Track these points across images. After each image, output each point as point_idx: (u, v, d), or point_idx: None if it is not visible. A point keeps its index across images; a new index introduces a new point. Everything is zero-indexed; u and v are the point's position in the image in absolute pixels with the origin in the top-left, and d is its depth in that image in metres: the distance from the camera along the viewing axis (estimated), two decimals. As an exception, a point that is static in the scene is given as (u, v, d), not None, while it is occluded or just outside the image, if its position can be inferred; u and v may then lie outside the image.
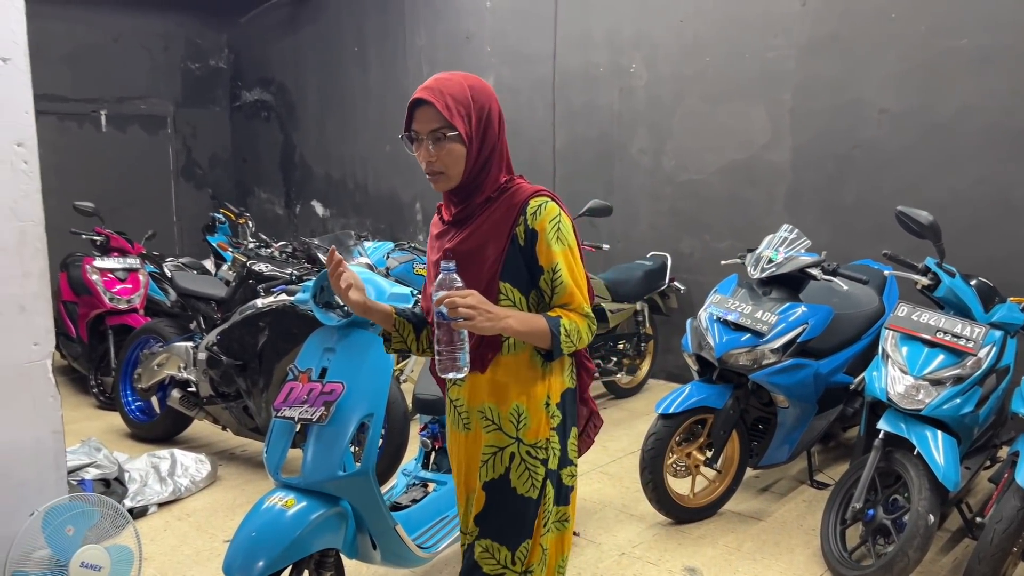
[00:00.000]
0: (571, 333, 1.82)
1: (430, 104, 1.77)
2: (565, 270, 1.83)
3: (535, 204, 1.83)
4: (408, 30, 7.52)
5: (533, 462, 1.90)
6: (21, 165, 2.65)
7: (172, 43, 9.19)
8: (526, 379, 1.89)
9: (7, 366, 2.66)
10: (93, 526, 2.78)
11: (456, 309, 1.65)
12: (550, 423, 1.91)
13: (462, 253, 1.84)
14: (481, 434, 1.93)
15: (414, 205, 7.79)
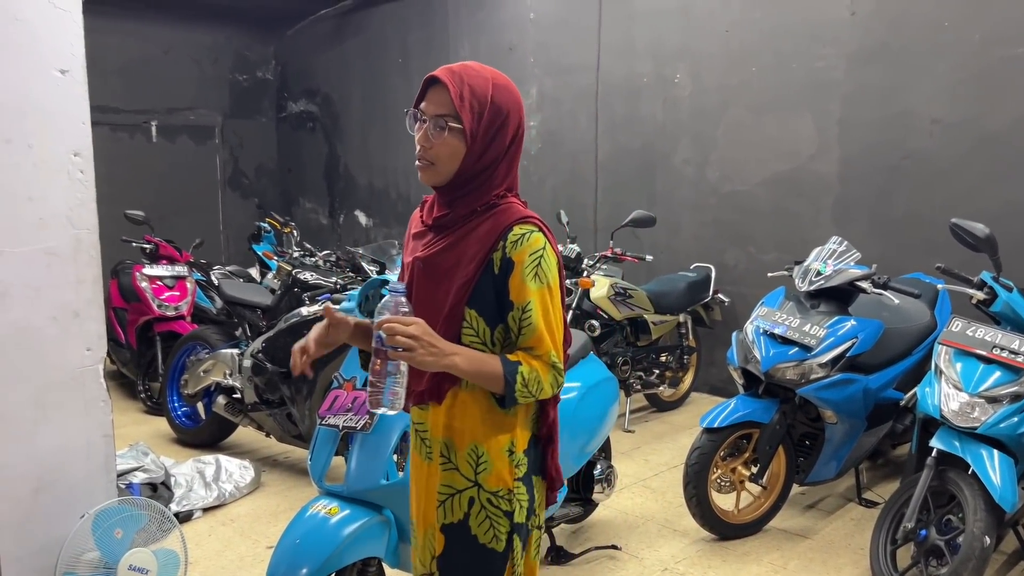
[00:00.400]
0: (530, 383, 1.59)
1: (444, 87, 1.59)
2: (538, 311, 1.60)
3: (518, 232, 1.60)
4: (452, 42, 7.57)
5: (495, 512, 1.68)
6: (77, 175, 2.72)
7: (221, 55, 9.38)
8: (487, 419, 1.67)
9: (61, 370, 2.72)
10: (141, 529, 2.82)
11: (394, 337, 1.46)
12: (514, 472, 1.69)
13: (433, 266, 1.65)
14: (436, 469, 1.71)
15: (456, 215, 7.82)
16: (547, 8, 6.69)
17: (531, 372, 1.59)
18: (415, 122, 1.64)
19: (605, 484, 3.37)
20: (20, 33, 2.55)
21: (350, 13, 8.63)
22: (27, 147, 2.58)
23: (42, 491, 2.70)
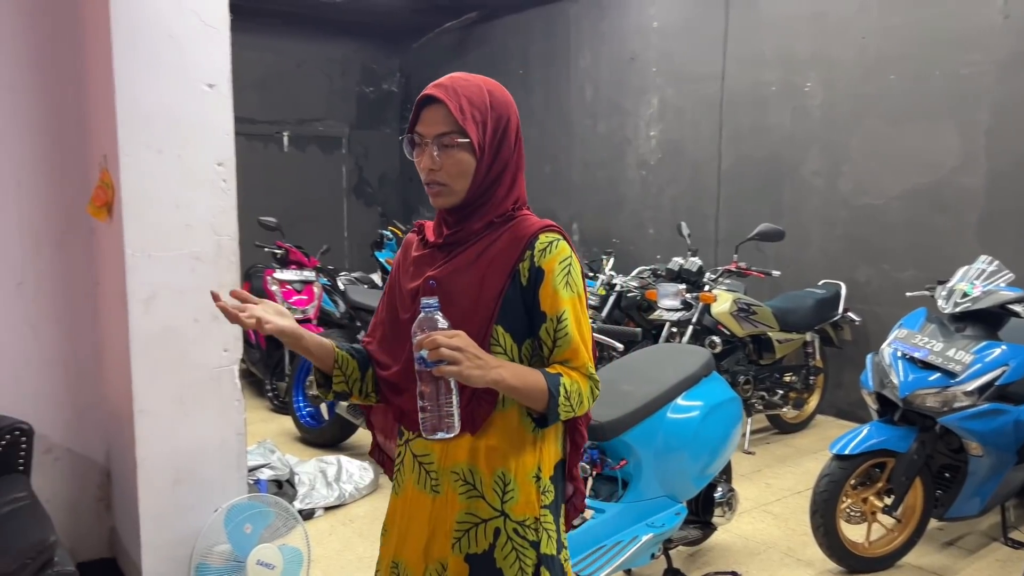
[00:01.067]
0: (571, 396, 1.49)
1: (441, 104, 1.48)
2: (572, 320, 1.51)
3: (545, 240, 1.52)
4: (572, 52, 7.57)
5: (522, 543, 1.56)
6: (220, 183, 2.85)
7: (349, 68, 9.73)
8: (516, 443, 1.56)
9: (200, 370, 2.86)
10: (268, 526, 2.92)
11: (438, 350, 1.34)
12: (541, 499, 1.58)
13: (452, 286, 1.52)
14: (454, 499, 1.56)
15: (571, 225, 7.79)
16: (671, 17, 6.59)
17: (572, 384, 1.50)
18: (412, 148, 1.54)
19: (726, 508, 3.26)
20: (172, 50, 2.71)
21: (473, 26, 8.78)
22: (176, 157, 2.73)
23: (180, 484, 2.85)
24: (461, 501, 1.56)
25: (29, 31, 2.86)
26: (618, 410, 2.84)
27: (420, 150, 1.52)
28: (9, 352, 2.91)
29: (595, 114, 7.39)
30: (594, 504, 3.06)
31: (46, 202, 2.94)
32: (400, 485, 1.66)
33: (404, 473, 1.64)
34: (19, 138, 2.86)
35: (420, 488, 1.60)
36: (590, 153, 7.49)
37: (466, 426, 1.50)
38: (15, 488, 2.46)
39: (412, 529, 1.62)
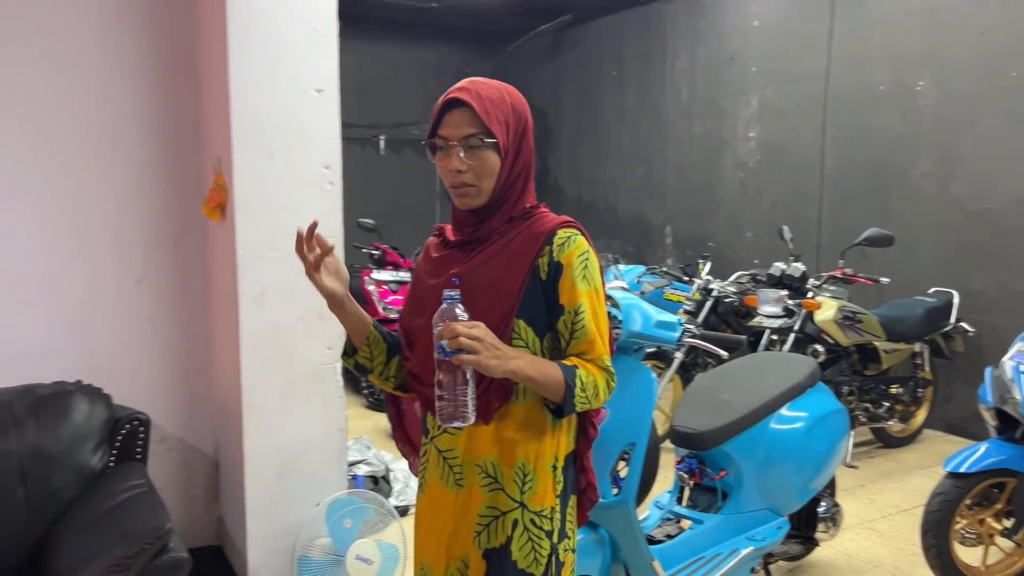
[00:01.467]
0: (587, 387, 1.53)
1: (466, 107, 1.51)
2: (589, 313, 1.55)
3: (564, 235, 1.57)
4: (669, 52, 7.46)
5: (538, 533, 1.59)
6: (327, 186, 2.93)
7: (444, 72, 9.86)
8: (536, 434, 1.60)
9: (305, 367, 2.94)
10: (367, 521, 2.98)
11: (458, 339, 1.38)
12: (555, 489, 1.62)
13: (473, 282, 1.56)
14: (478, 492, 1.60)
15: (664, 228, 7.68)
16: (773, 16, 6.41)
17: (588, 376, 1.53)
18: (434, 152, 1.57)
19: (830, 523, 3.14)
20: (284, 56, 2.79)
21: (567, 28, 8.76)
22: (287, 160, 2.81)
23: (284, 477, 2.93)
24: (483, 494, 1.59)
25: (151, 41, 3.00)
26: (718, 419, 2.78)
27: (444, 154, 1.55)
28: (130, 345, 3.06)
29: (691, 115, 7.27)
30: (692, 514, 3.00)
31: (165, 203, 3.08)
32: (425, 483, 1.69)
33: (429, 470, 1.68)
34: (141, 142, 3.01)
35: (444, 484, 1.63)
36: (685, 155, 7.36)
37: (480, 416, 1.52)
38: (134, 475, 2.57)
39: (435, 527, 1.65)
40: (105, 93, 2.93)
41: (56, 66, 2.85)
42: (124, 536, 2.20)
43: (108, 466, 2.64)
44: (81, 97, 2.90)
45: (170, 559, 2.25)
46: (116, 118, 2.96)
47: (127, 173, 3.00)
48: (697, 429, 2.84)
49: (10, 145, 2.80)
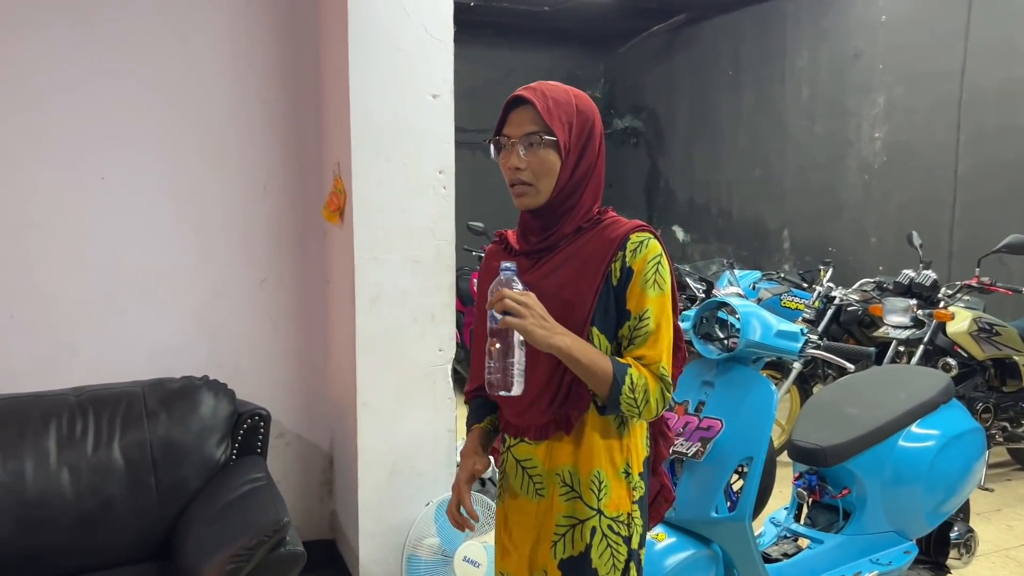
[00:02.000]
0: (636, 388, 1.47)
1: (529, 105, 1.51)
2: (654, 319, 1.50)
3: (636, 239, 1.53)
4: (788, 50, 7.20)
5: (615, 539, 1.58)
6: (440, 190, 2.96)
7: (554, 75, 9.82)
8: (607, 441, 1.58)
9: (417, 367, 2.98)
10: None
11: (504, 302, 1.40)
12: (631, 495, 1.60)
13: (544, 291, 1.51)
14: (558, 502, 1.58)
15: (781, 233, 7.42)
16: (903, 10, 6.09)
17: (640, 378, 1.48)
18: (499, 151, 1.57)
19: (963, 550, 2.93)
20: (401, 61, 2.84)
21: (681, 28, 8.60)
22: (403, 165, 2.86)
23: (395, 475, 2.98)
24: (561, 503, 1.58)
25: (278, 51, 3.12)
26: (842, 435, 2.64)
27: (506, 152, 1.55)
28: (253, 343, 3.18)
29: (812, 115, 6.99)
30: (812, 533, 2.86)
31: (288, 206, 3.19)
32: (505, 493, 1.69)
33: (508, 480, 1.67)
34: (267, 147, 3.13)
35: (524, 494, 1.62)
36: (805, 156, 7.09)
37: (561, 426, 1.55)
38: (255, 468, 2.67)
39: (517, 537, 1.65)
40: (235, 101, 3.07)
41: (191, 76, 3.00)
42: (245, 527, 2.29)
43: (231, 459, 2.75)
44: (213, 105, 3.04)
45: (287, 552, 2.33)
46: (245, 125, 3.09)
47: (254, 178, 3.13)
48: (819, 444, 2.71)
49: (147, 151, 2.96)
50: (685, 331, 2.65)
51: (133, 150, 2.94)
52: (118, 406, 2.62)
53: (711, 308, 2.62)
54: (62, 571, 2.43)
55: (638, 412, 1.50)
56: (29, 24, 2.76)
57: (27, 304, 2.82)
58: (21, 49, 2.75)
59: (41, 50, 2.77)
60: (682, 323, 2.71)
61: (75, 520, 2.43)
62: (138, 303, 2.99)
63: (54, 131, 2.82)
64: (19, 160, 2.78)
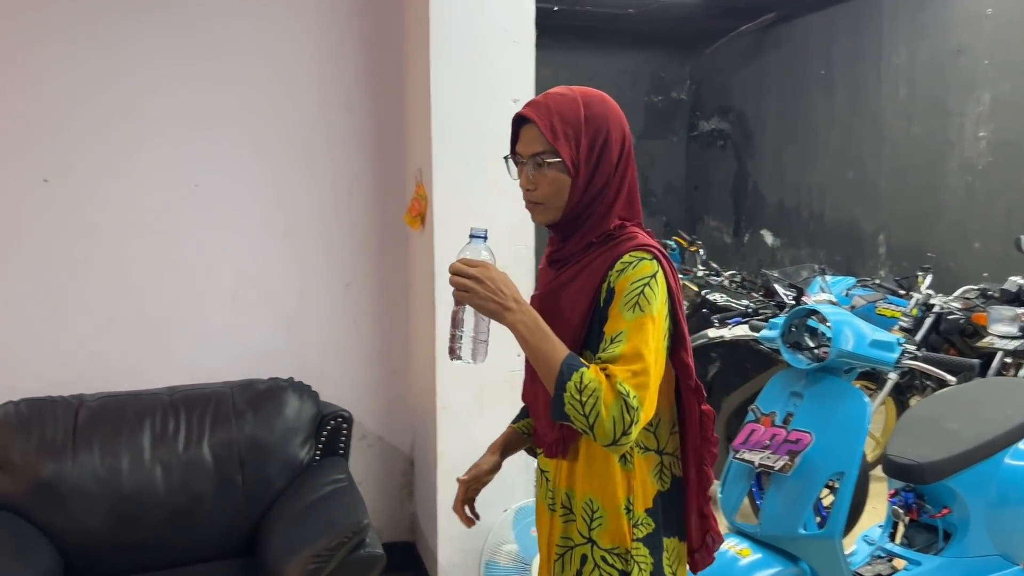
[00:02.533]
0: (585, 392, 1.30)
1: (532, 123, 1.45)
2: (627, 340, 1.34)
3: (627, 259, 1.41)
4: (885, 47, 6.91)
5: (609, 570, 1.47)
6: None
7: (638, 78, 9.76)
8: (601, 471, 1.48)
9: (496, 372, 2.97)
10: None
11: (453, 278, 1.38)
12: (634, 532, 1.47)
13: (548, 308, 1.46)
14: (558, 522, 1.55)
15: (877, 237, 7.11)
16: (1010, 2, 5.75)
17: (593, 381, 1.31)
18: (516, 167, 1.53)
19: (1078, 578, 2.73)
20: (483, 67, 2.85)
21: (770, 27, 8.37)
22: (482, 170, 2.86)
23: (474, 480, 2.98)
24: (560, 524, 1.54)
25: (362, 59, 3.17)
26: (942, 451, 2.49)
27: (520, 169, 1.52)
28: (336, 346, 3.24)
29: (910, 114, 6.68)
30: (908, 554, 2.72)
31: (371, 211, 3.24)
32: (536, 499, 1.66)
33: (538, 488, 1.65)
34: (352, 153, 3.18)
35: (544, 503, 1.61)
36: (902, 158, 6.78)
37: (557, 449, 1.51)
38: (337, 470, 2.72)
39: (541, 539, 1.64)
40: (320, 109, 3.13)
41: (279, 85, 3.08)
42: (327, 528, 2.33)
43: (314, 459, 2.81)
44: (300, 113, 3.11)
45: (366, 554, 2.35)
46: (330, 132, 3.15)
47: (338, 183, 3.19)
48: (917, 461, 2.56)
49: (238, 159, 3.06)
50: (772, 340, 2.56)
51: (224, 158, 3.03)
52: (208, 406, 2.71)
53: (800, 316, 2.52)
54: (153, 564, 2.53)
55: (587, 423, 1.31)
56: (128, 37, 2.88)
57: (124, 307, 2.95)
58: (120, 61, 2.88)
59: (139, 62, 2.90)
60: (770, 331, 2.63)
61: (166, 516, 2.52)
62: (228, 306, 3.09)
63: (150, 140, 2.94)
64: (118, 168, 2.91)
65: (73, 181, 2.85)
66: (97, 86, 2.85)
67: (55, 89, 2.80)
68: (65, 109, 2.82)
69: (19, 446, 2.45)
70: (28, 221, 2.81)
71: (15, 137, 2.77)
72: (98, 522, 2.44)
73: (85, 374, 2.84)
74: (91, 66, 2.83)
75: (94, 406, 2.62)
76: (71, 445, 2.50)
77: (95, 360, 2.90)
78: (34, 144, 2.80)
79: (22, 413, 2.53)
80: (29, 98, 2.78)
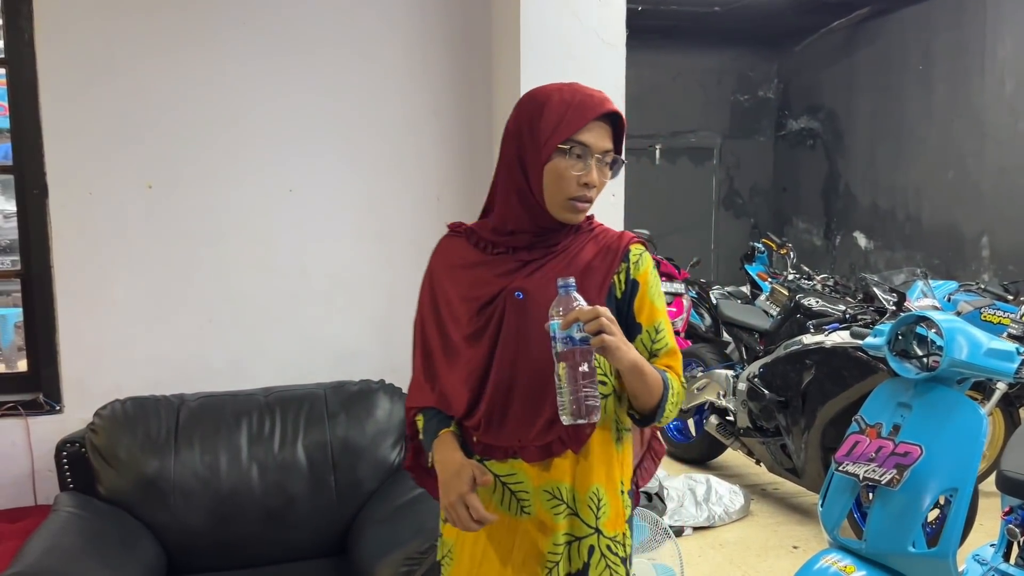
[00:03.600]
0: (675, 394, 1.49)
1: (610, 121, 1.50)
2: (668, 330, 1.53)
3: (637, 251, 1.55)
4: (988, 40, 6.58)
5: (614, 559, 1.51)
6: (610, 198, 2.91)
7: (724, 77, 9.56)
8: (607, 458, 1.52)
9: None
10: (642, 540, 2.90)
11: (599, 320, 1.30)
12: (625, 513, 1.55)
13: (544, 298, 1.41)
14: (550, 520, 1.48)
15: (979, 240, 6.77)
16: None
17: (675, 383, 1.50)
18: (575, 159, 1.45)
19: None
20: (573, 69, 2.81)
21: (863, 22, 8.08)
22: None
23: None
24: (558, 521, 1.48)
25: (452, 65, 3.18)
26: (1063, 467, 2.34)
27: (578, 161, 1.45)
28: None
29: (1016, 111, 6.34)
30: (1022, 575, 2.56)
31: (459, 217, 3.20)
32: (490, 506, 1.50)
33: (494, 492, 1.51)
34: (440, 158, 3.20)
35: (504, 509, 1.50)
36: (1008, 156, 6.44)
37: (569, 444, 1.46)
38: (426, 472, 2.73)
39: (490, 553, 1.52)
40: (410, 115, 3.15)
41: (370, 92, 3.11)
42: (416, 531, 2.33)
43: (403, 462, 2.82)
44: (390, 119, 3.14)
45: (456, 558, 2.34)
46: (419, 138, 3.17)
47: (427, 188, 3.20)
48: (1033, 476, 2.42)
49: (331, 165, 3.11)
50: (879, 348, 2.46)
51: (318, 163, 3.09)
52: (302, 407, 2.76)
53: (908, 323, 2.41)
54: (250, 562, 2.58)
55: (670, 418, 1.51)
56: (227, 45, 2.96)
57: (223, 308, 3.03)
58: (219, 69, 2.96)
59: (237, 71, 2.97)
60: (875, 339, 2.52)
61: (262, 514, 2.57)
62: (321, 308, 3.14)
63: (247, 146, 3.01)
64: (218, 174, 2.99)
65: (175, 186, 2.94)
66: (198, 92, 2.93)
67: (159, 95, 2.89)
68: (168, 115, 2.91)
69: (126, 443, 2.54)
70: (133, 225, 2.92)
71: (120, 143, 2.88)
72: (198, 519, 2.50)
73: (185, 374, 2.93)
74: (192, 73, 2.92)
75: (194, 406, 2.69)
76: (173, 443, 2.58)
77: (195, 360, 2.99)
78: (138, 150, 2.90)
79: (128, 411, 2.62)
80: (134, 104, 2.88)
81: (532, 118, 1.50)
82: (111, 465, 2.53)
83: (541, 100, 1.51)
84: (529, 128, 1.50)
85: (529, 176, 1.50)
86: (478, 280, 1.55)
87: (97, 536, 2.30)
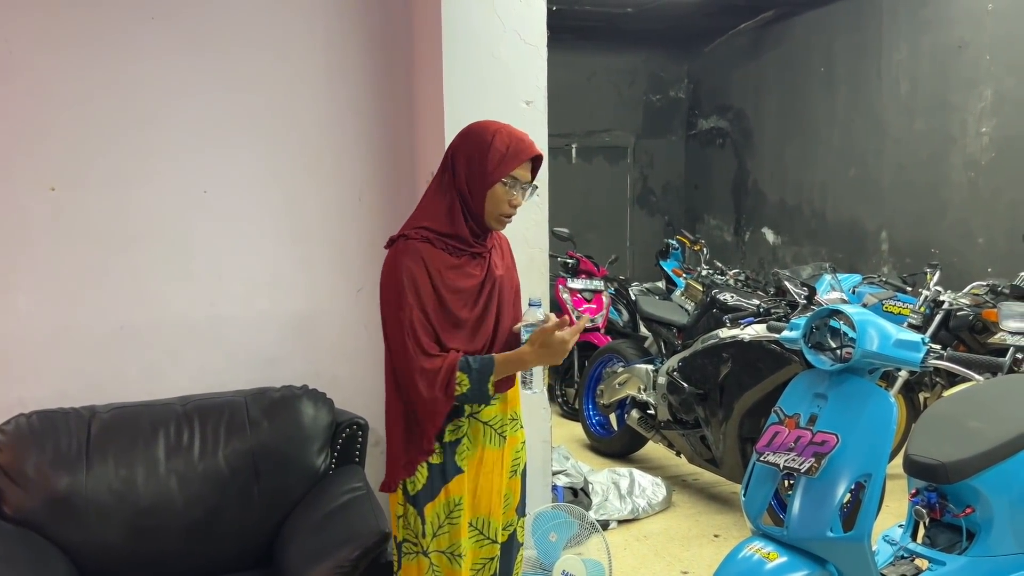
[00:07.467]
0: None
1: (536, 161, 2.08)
2: None
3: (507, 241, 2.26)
4: (885, 44, 6.91)
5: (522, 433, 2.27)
6: (534, 198, 2.91)
7: (637, 78, 9.75)
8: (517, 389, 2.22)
9: (512, 377, 2.94)
10: (571, 536, 2.94)
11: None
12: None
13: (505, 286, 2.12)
14: (513, 436, 2.17)
15: (879, 234, 7.12)
16: (1012, -4, 5.76)
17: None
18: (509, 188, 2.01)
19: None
20: (496, 69, 2.83)
21: (769, 25, 8.37)
22: (496, 172, 2.83)
23: (491, 486, 2.94)
24: (515, 433, 2.19)
25: (372, 64, 3.13)
26: (964, 450, 2.47)
27: (516, 193, 2.02)
28: (349, 352, 3.21)
29: (912, 111, 6.69)
30: (932, 554, 2.69)
31: (382, 216, 3.20)
32: (471, 454, 2.08)
33: (476, 440, 2.09)
34: (362, 157, 3.15)
35: (493, 447, 2.11)
36: (905, 154, 6.78)
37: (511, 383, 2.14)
38: (354, 478, 2.68)
39: (493, 484, 2.11)
40: (330, 114, 3.10)
41: (288, 90, 3.04)
42: (347, 538, 2.29)
43: (330, 468, 2.77)
44: (309, 118, 3.08)
45: (388, 563, 2.32)
46: (340, 136, 3.12)
47: (349, 188, 3.15)
48: (939, 460, 2.54)
49: (247, 165, 3.02)
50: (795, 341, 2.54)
51: (233, 163, 3.00)
52: (222, 415, 2.68)
53: (822, 316, 2.50)
54: (171, 577, 2.49)
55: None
56: (135, 42, 2.84)
57: (135, 315, 2.91)
58: (126, 67, 2.83)
59: (146, 68, 2.86)
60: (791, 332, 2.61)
61: (183, 528, 2.48)
62: (239, 313, 3.05)
63: (158, 146, 2.90)
64: (128, 175, 2.87)
65: (81, 189, 2.81)
66: (104, 91, 2.81)
67: (61, 95, 2.76)
68: (71, 116, 2.78)
69: (33, 460, 2.41)
70: (36, 230, 2.77)
71: (20, 145, 2.73)
72: (115, 535, 2.40)
73: (96, 384, 2.81)
74: (97, 71, 2.79)
75: (107, 417, 2.58)
76: (85, 458, 2.46)
77: (106, 370, 2.86)
78: (40, 152, 2.75)
79: (34, 426, 2.48)
80: (35, 104, 2.73)
81: (480, 153, 1.98)
82: (17, 484, 2.40)
83: (487, 139, 1.99)
84: (478, 161, 1.98)
85: (474, 196, 1.99)
86: (463, 274, 2.03)
87: (2, 560, 2.17)
